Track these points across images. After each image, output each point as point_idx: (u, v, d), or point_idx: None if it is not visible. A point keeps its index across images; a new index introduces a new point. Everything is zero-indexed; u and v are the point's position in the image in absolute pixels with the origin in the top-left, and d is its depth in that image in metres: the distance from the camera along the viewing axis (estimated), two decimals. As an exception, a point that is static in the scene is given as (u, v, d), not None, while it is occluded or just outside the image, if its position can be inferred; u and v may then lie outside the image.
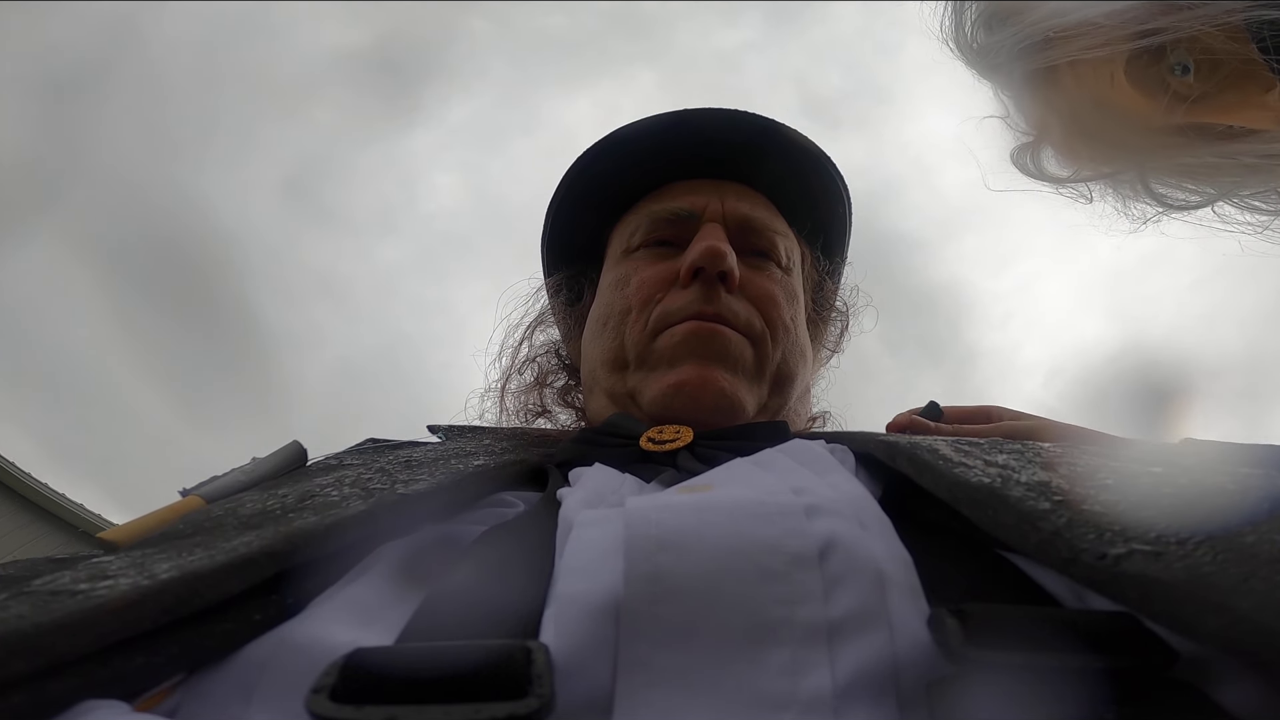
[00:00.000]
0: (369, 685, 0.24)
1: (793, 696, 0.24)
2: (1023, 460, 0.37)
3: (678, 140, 0.66)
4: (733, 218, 0.63)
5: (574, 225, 0.72)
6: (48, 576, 0.30)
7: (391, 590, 0.32)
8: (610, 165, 0.68)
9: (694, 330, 0.57)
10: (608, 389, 0.61)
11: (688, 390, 0.55)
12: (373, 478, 0.43)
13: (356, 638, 0.27)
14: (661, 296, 0.60)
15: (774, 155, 0.66)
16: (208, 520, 0.39)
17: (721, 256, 0.57)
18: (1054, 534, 0.28)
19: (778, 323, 0.60)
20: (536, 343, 0.75)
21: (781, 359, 0.60)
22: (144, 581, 0.28)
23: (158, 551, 0.33)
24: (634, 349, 0.59)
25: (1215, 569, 0.24)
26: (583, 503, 0.35)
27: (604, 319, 0.63)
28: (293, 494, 0.41)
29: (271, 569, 0.31)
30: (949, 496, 0.34)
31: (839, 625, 0.26)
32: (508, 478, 0.45)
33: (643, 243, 0.65)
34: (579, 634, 0.26)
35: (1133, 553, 0.26)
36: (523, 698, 0.23)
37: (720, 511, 0.30)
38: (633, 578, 0.27)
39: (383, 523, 0.36)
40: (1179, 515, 0.29)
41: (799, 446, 0.44)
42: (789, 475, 0.39)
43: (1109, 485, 0.32)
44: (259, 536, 0.33)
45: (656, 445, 0.50)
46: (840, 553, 0.28)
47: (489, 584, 0.31)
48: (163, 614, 0.27)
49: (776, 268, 0.64)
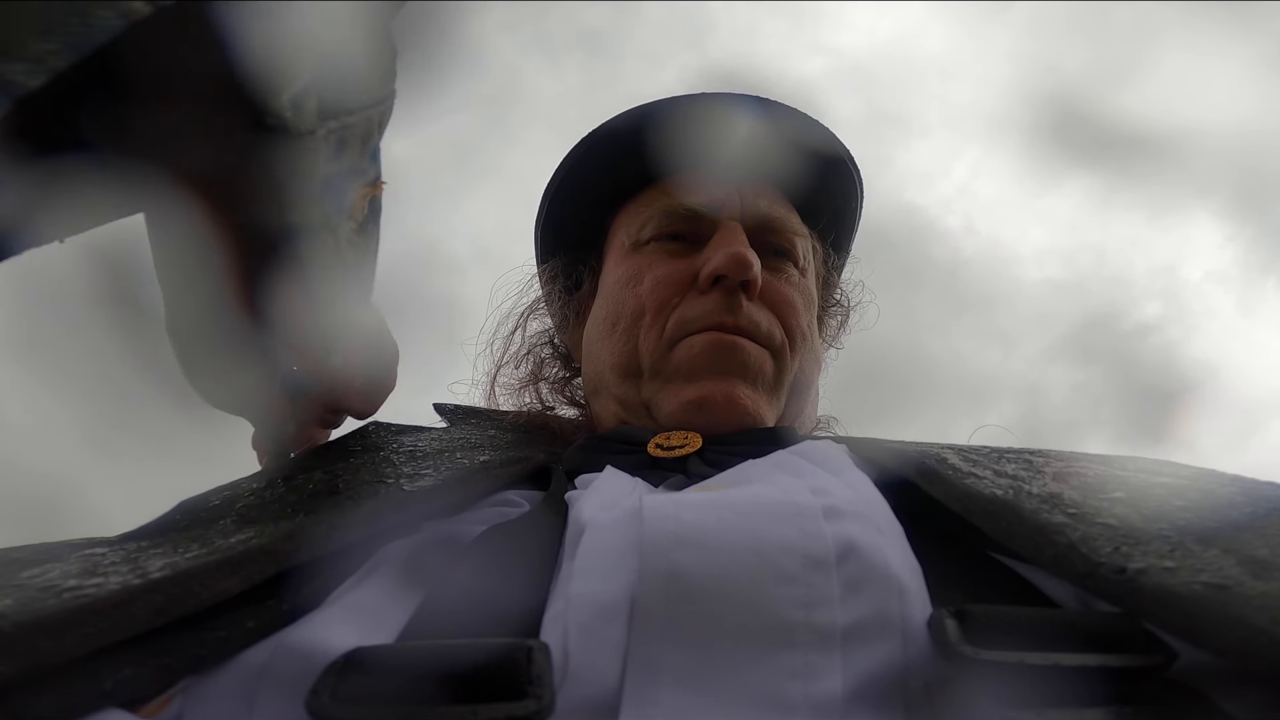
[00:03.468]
0: (369, 685, 0.23)
1: (803, 700, 0.24)
2: (1031, 470, 0.37)
3: (691, 128, 0.62)
4: (751, 216, 0.60)
5: (574, 211, 0.68)
6: (41, 568, 0.29)
7: (393, 592, 0.31)
8: (614, 151, 0.64)
9: (714, 342, 0.54)
10: (619, 396, 0.58)
11: (710, 406, 0.53)
12: (377, 470, 0.42)
13: (357, 640, 0.27)
14: (678, 301, 0.57)
15: (793, 150, 0.62)
16: (205, 511, 0.38)
17: (748, 266, 0.55)
18: (1070, 547, 0.28)
19: (796, 331, 0.58)
20: (529, 331, 0.71)
21: (799, 368, 0.58)
22: (134, 580, 0.27)
23: (152, 546, 0.32)
24: (649, 357, 0.57)
25: (1232, 583, 0.24)
26: (595, 505, 0.35)
27: (613, 319, 0.60)
28: (293, 484, 0.40)
29: (271, 569, 0.30)
30: (961, 508, 0.34)
31: (852, 630, 0.26)
32: (513, 476, 0.45)
33: (653, 236, 0.61)
34: (587, 633, 0.26)
35: (1150, 567, 0.26)
36: (521, 699, 0.23)
37: (739, 510, 0.30)
38: (648, 575, 0.27)
39: (386, 522, 0.35)
40: (1192, 527, 0.29)
41: (812, 447, 0.43)
42: (806, 475, 0.38)
43: (1120, 498, 0.32)
44: (258, 533, 0.32)
45: (665, 451, 0.49)
46: (858, 558, 0.28)
47: (490, 583, 0.31)
48: (155, 614, 0.26)
49: (794, 269, 0.61)
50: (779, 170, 0.62)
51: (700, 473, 0.45)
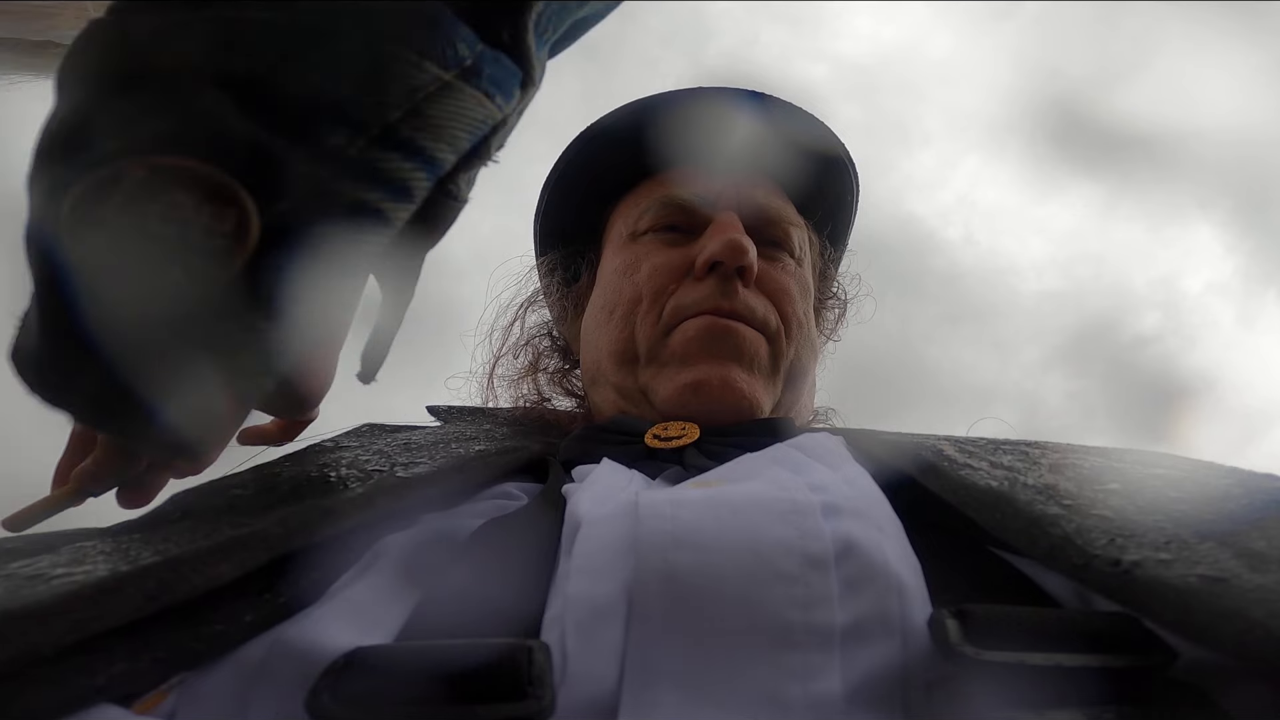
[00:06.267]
0: (369, 685, 0.23)
1: (802, 700, 0.24)
2: (1027, 462, 0.37)
3: (689, 121, 0.62)
4: (747, 206, 0.61)
5: (572, 204, 0.69)
6: (29, 559, 0.29)
7: (391, 589, 0.31)
8: (613, 145, 0.65)
9: (710, 326, 0.55)
10: (616, 384, 0.59)
11: (705, 390, 0.53)
12: (370, 460, 0.42)
13: (356, 639, 0.27)
14: (675, 288, 0.58)
15: (789, 143, 0.63)
16: (197, 503, 0.38)
17: (744, 252, 0.55)
18: (1064, 539, 0.28)
19: (792, 318, 0.59)
20: (528, 324, 0.72)
21: (795, 355, 0.59)
22: (124, 567, 0.27)
23: (143, 537, 0.32)
24: (645, 343, 0.57)
25: (1229, 576, 0.24)
26: (591, 500, 0.34)
27: (610, 307, 0.60)
28: (287, 476, 0.40)
29: (264, 554, 0.29)
30: (956, 499, 0.33)
31: (851, 630, 0.26)
32: (509, 465, 0.44)
33: (650, 227, 0.62)
34: (585, 634, 0.26)
35: (1145, 559, 0.26)
36: (522, 699, 0.22)
37: (736, 508, 0.30)
38: (646, 575, 0.27)
39: (381, 508, 0.35)
40: (1188, 519, 0.29)
41: (810, 440, 0.43)
42: (804, 470, 0.38)
43: (1116, 489, 0.32)
44: (250, 520, 0.32)
45: (663, 442, 0.49)
46: (857, 556, 0.28)
47: (488, 581, 0.31)
48: (145, 601, 0.26)
49: (790, 259, 0.62)
50: (775, 163, 0.63)
51: (697, 464, 0.45)
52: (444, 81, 0.28)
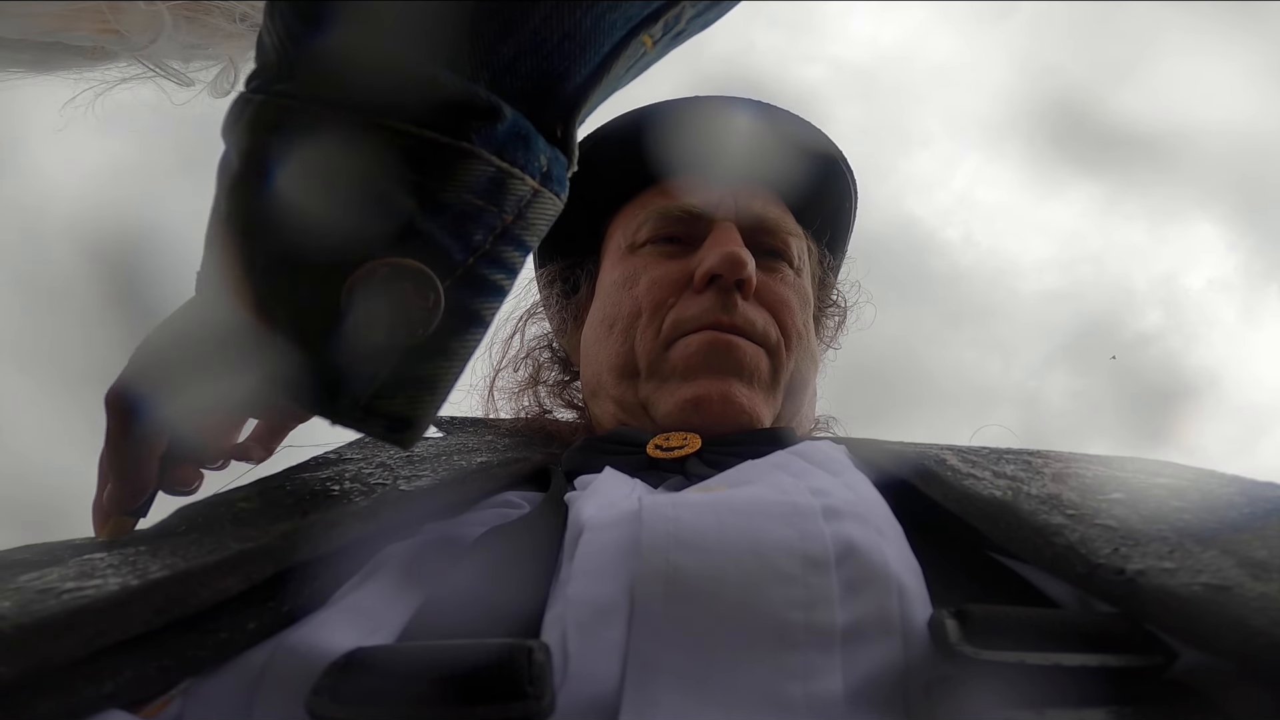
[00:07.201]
0: (369, 686, 0.23)
1: (803, 700, 0.24)
2: (1030, 471, 0.37)
3: (686, 131, 0.62)
4: (745, 217, 0.60)
5: (570, 215, 0.68)
6: (39, 571, 0.29)
7: (393, 593, 0.31)
8: (611, 155, 0.64)
9: (710, 342, 0.55)
10: (616, 397, 0.58)
11: (706, 405, 0.53)
12: (374, 473, 0.42)
13: (357, 641, 0.27)
14: (674, 301, 0.57)
15: (787, 152, 0.63)
16: (202, 516, 0.38)
17: (742, 265, 0.55)
18: (1068, 548, 0.28)
19: (792, 330, 0.58)
20: (528, 336, 0.72)
21: (795, 367, 0.58)
22: (133, 581, 0.27)
23: (150, 549, 0.32)
24: (645, 357, 0.57)
25: (1232, 585, 0.24)
26: (595, 507, 0.35)
27: (610, 320, 0.60)
28: (290, 489, 0.40)
29: (270, 567, 0.30)
30: (960, 509, 0.34)
31: (852, 630, 0.26)
32: (512, 476, 0.45)
33: (649, 239, 0.61)
34: (586, 634, 0.26)
35: (1149, 568, 0.26)
36: (522, 699, 0.23)
37: (738, 511, 0.30)
38: (647, 576, 0.27)
39: (384, 521, 0.35)
40: (1191, 528, 0.29)
41: (811, 447, 0.43)
42: (805, 475, 0.38)
43: (1119, 499, 0.32)
44: (256, 534, 0.32)
45: (665, 452, 0.49)
46: (858, 558, 0.28)
47: (490, 585, 0.31)
48: (154, 615, 0.26)
49: (789, 269, 0.62)
50: (773, 172, 0.63)
51: (699, 473, 0.45)
52: (535, 189, 0.37)
